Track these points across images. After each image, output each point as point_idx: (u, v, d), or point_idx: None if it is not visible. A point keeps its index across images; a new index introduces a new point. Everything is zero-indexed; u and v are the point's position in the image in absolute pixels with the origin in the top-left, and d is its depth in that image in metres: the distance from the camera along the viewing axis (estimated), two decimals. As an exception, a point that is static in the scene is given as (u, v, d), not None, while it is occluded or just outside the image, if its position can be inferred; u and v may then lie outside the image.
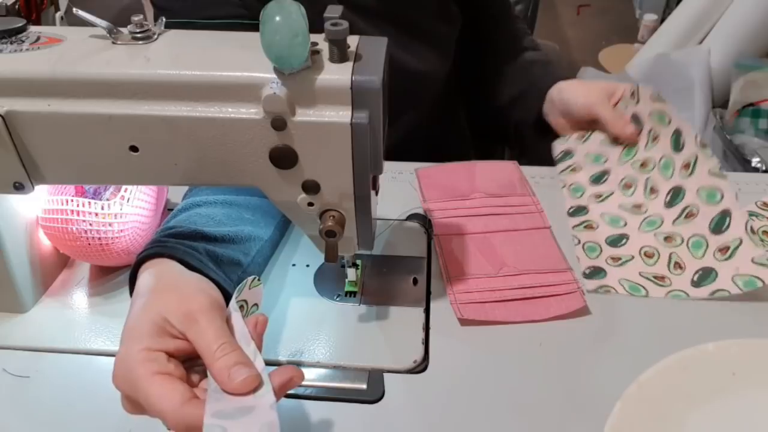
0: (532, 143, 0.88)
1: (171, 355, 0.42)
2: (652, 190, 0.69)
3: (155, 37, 0.47)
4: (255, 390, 0.40)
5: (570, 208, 0.71)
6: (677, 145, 0.69)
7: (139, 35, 0.47)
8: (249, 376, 0.40)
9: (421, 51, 0.83)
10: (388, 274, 0.63)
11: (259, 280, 0.49)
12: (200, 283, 0.48)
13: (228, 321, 0.44)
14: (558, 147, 0.79)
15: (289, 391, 0.51)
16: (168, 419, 0.38)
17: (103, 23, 0.47)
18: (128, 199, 0.59)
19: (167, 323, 0.42)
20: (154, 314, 0.43)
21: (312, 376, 0.53)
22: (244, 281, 0.48)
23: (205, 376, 0.42)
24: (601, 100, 0.76)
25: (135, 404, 0.41)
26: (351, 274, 0.60)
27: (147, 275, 0.48)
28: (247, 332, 0.44)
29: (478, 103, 0.95)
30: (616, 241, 0.66)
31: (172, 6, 0.70)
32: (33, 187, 0.49)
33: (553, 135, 0.82)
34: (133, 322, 0.43)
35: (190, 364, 0.43)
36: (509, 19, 0.93)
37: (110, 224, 0.58)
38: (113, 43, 0.47)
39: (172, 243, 0.50)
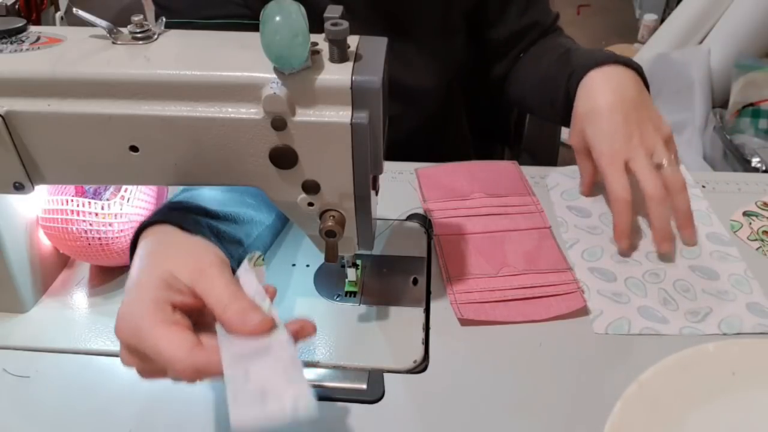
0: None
1: (176, 308, 0.41)
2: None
3: (155, 37, 0.47)
4: (269, 332, 0.40)
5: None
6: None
7: (139, 35, 0.47)
8: (264, 318, 0.40)
9: (419, 67, 0.82)
10: (388, 274, 0.63)
11: (263, 259, 0.48)
12: (206, 243, 0.47)
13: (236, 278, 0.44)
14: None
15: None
16: (177, 364, 0.38)
17: (103, 23, 0.47)
18: (128, 199, 0.59)
19: (174, 279, 0.42)
20: (161, 270, 0.42)
21: (312, 376, 0.53)
22: (250, 254, 0.47)
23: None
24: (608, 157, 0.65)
25: (137, 355, 0.41)
26: (351, 274, 0.60)
27: (150, 239, 0.47)
28: (261, 289, 0.43)
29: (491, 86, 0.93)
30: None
31: (174, 5, 0.70)
32: (33, 187, 0.49)
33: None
34: (138, 277, 0.43)
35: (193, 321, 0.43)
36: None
37: (110, 224, 0.58)
38: (113, 43, 0.47)
39: (176, 214, 0.50)
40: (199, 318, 0.43)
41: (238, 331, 0.40)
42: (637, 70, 0.71)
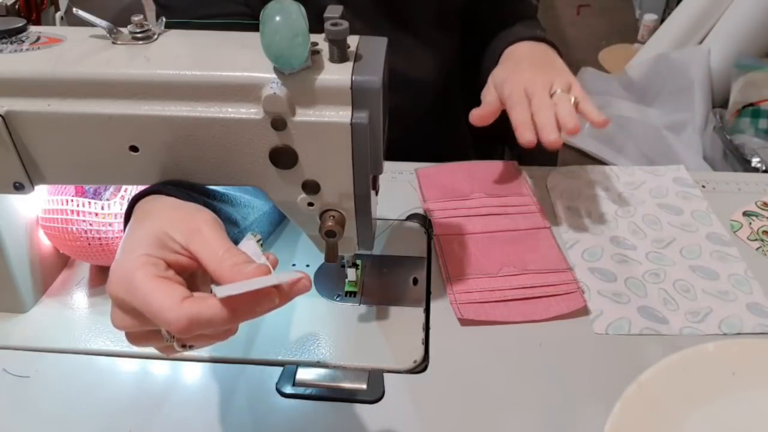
0: None
1: (169, 267, 0.41)
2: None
3: (155, 37, 0.47)
4: None
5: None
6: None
7: (139, 35, 0.47)
8: (260, 265, 0.39)
9: (418, 58, 0.83)
10: (388, 274, 0.63)
11: (262, 245, 0.48)
12: (199, 206, 0.46)
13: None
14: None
15: (290, 391, 0.51)
16: (169, 315, 0.37)
17: (103, 23, 0.47)
18: (128, 199, 0.59)
19: (168, 238, 0.41)
20: (155, 228, 0.42)
21: (312, 376, 0.53)
22: (252, 233, 0.46)
23: None
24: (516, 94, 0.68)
25: (129, 312, 0.40)
26: (351, 274, 0.60)
27: (143, 207, 0.46)
28: (260, 252, 0.43)
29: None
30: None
31: (175, 3, 0.69)
32: (33, 187, 0.49)
33: None
34: (130, 236, 0.42)
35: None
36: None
37: (110, 224, 0.58)
38: (113, 43, 0.47)
39: (170, 187, 0.49)
40: (192, 282, 0.42)
41: (235, 281, 0.38)
42: (550, 43, 0.79)
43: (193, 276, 0.43)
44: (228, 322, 0.37)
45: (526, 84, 0.69)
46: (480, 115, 0.72)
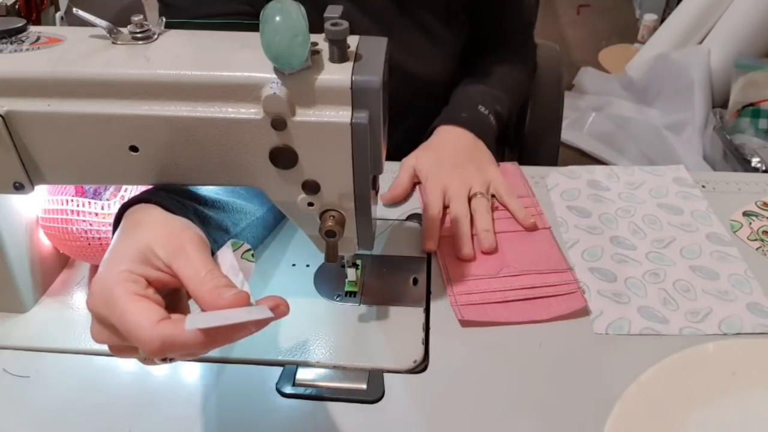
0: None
1: (150, 284, 0.41)
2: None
3: (155, 37, 0.47)
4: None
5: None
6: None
7: (139, 35, 0.47)
8: (240, 291, 0.39)
9: (426, 55, 0.83)
10: (388, 274, 0.63)
11: (252, 254, 0.48)
12: (188, 223, 0.46)
13: (215, 258, 0.43)
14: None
15: (290, 391, 0.51)
16: (143, 335, 0.37)
17: (103, 23, 0.47)
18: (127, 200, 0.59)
19: (152, 254, 0.41)
20: (140, 243, 0.42)
21: (312, 376, 0.53)
22: (238, 242, 0.46)
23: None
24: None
25: (107, 327, 0.40)
26: (351, 274, 0.60)
27: (131, 217, 0.46)
28: (236, 264, 0.43)
29: None
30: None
31: (179, 2, 0.69)
32: (33, 187, 0.49)
33: None
34: (115, 247, 0.42)
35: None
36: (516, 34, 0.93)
37: (110, 224, 0.58)
38: (113, 43, 0.47)
39: (162, 194, 0.49)
40: (172, 300, 0.42)
41: (214, 306, 0.39)
42: (476, 131, 0.80)
43: (175, 292, 0.43)
44: (202, 348, 0.38)
45: (446, 187, 0.71)
46: (392, 197, 0.73)
